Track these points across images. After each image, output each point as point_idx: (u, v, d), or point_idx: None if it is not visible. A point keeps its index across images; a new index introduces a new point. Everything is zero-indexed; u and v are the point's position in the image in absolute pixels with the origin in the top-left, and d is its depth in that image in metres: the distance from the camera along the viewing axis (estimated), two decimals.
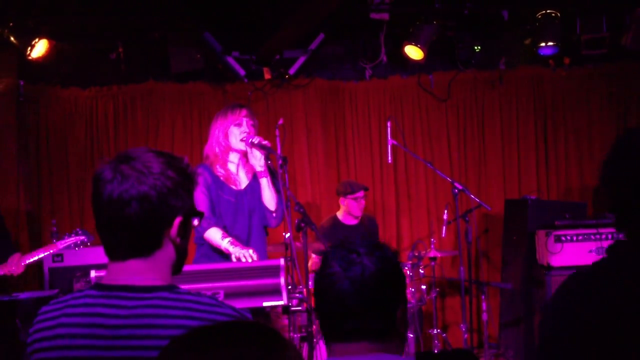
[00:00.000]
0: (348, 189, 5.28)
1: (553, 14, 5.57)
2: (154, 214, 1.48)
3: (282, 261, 3.26)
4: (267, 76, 5.93)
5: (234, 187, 3.67)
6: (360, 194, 5.29)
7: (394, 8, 5.53)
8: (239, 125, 3.64)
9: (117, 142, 5.83)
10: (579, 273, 1.48)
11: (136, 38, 5.70)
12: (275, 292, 3.19)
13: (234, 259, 3.39)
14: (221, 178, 3.65)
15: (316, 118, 6.13)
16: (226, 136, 3.65)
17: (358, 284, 1.48)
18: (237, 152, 3.69)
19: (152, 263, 1.52)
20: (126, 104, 5.91)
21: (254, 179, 3.71)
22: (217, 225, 3.56)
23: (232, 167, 3.70)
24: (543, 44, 5.61)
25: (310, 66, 6.05)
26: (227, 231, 3.56)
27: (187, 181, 1.55)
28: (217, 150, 3.67)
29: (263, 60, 5.83)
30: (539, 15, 5.59)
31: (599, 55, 5.87)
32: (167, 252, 1.54)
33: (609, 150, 1.51)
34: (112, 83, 5.86)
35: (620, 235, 1.49)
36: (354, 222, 5.41)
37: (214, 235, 3.52)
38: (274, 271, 3.22)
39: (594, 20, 5.60)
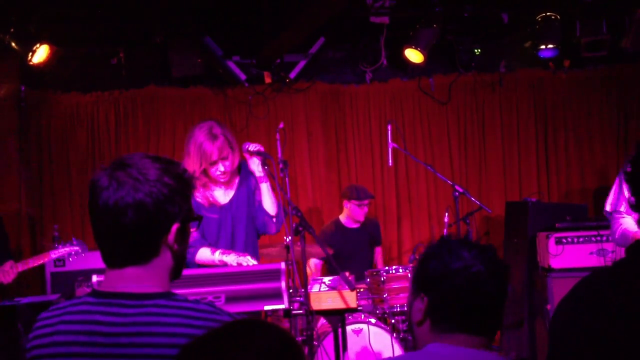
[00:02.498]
0: (354, 195, 5.26)
1: (553, 17, 5.57)
2: (150, 222, 1.47)
3: (282, 265, 3.27)
4: (268, 80, 5.94)
5: (215, 205, 3.66)
6: (366, 201, 5.30)
7: (394, 12, 5.54)
8: (214, 165, 3.56)
9: (118, 147, 5.85)
10: (596, 273, 1.46)
11: (137, 43, 5.72)
12: (276, 296, 3.20)
13: (232, 264, 3.41)
14: (200, 201, 3.62)
15: (317, 122, 6.14)
16: (202, 173, 3.59)
17: (495, 273, 1.58)
18: (218, 184, 3.66)
19: (149, 270, 1.51)
20: (127, 109, 5.93)
21: (239, 188, 3.70)
22: (203, 246, 3.57)
23: (208, 192, 3.67)
24: (543, 47, 5.61)
25: (310, 70, 6.07)
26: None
27: (184, 187, 1.54)
28: (196, 181, 3.58)
29: (263, 64, 5.85)
30: (539, 17, 5.60)
31: (599, 58, 5.87)
32: (164, 259, 1.53)
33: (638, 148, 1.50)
34: (113, 88, 5.89)
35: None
36: (356, 225, 5.42)
37: (204, 254, 3.53)
38: (275, 275, 3.23)
39: (594, 22, 5.60)
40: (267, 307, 3.13)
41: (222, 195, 3.71)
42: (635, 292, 1.35)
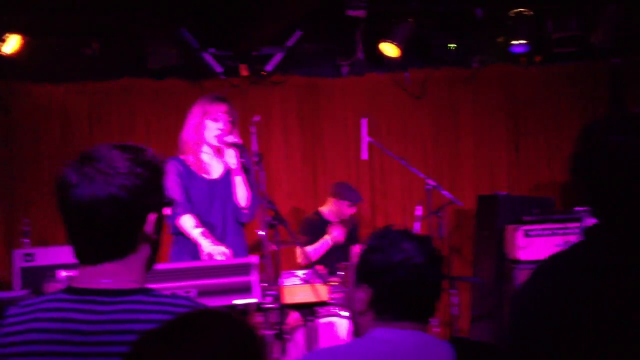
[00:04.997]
0: (348, 196, 5.24)
1: (525, 13, 5.65)
2: (126, 216, 1.44)
3: (255, 258, 3.31)
4: (244, 73, 5.93)
5: (206, 176, 3.69)
6: (357, 203, 5.33)
7: (371, 5, 5.57)
8: (216, 120, 3.65)
9: (91, 139, 5.78)
10: (553, 257, 1.49)
11: (112, 34, 5.67)
12: (247, 290, 3.24)
13: (204, 251, 3.43)
14: (193, 167, 3.67)
15: (293, 115, 6.16)
16: (202, 128, 3.66)
17: (435, 263, 1.68)
18: (211, 146, 3.72)
19: (126, 265, 1.48)
20: (101, 100, 5.87)
21: (229, 171, 3.72)
22: (191, 212, 3.57)
23: (205, 157, 3.72)
24: (515, 42, 5.69)
25: (287, 63, 6.06)
26: (200, 219, 3.58)
27: (156, 175, 1.50)
28: (191, 139, 3.68)
29: (240, 57, 5.84)
30: (511, 13, 5.67)
31: (569, 54, 5.97)
32: (142, 251, 1.50)
33: (577, 142, 1.53)
34: (87, 79, 5.81)
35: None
36: (337, 220, 5.45)
37: (187, 222, 3.54)
38: (246, 269, 3.27)
39: (565, 18, 5.69)
40: (236, 301, 3.16)
41: (217, 166, 3.73)
42: (591, 272, 1.39)
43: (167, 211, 1.57)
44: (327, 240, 5.05)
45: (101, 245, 1.45)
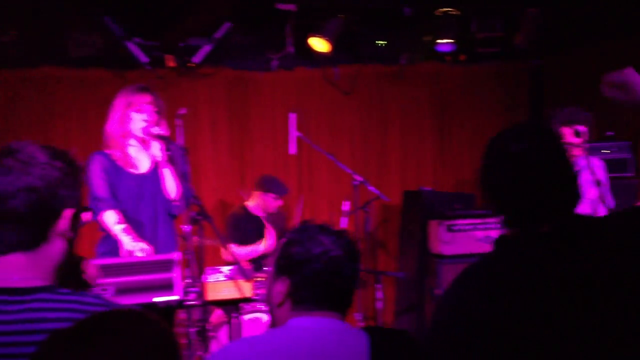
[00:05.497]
0: (274, 189, 5.22)
1: (451, 12, 5.77)
2: (42, 206, 1.43)
3: (176, 255, 3.25)
4: (171, 64, 5.81)
5: (133, 171, 3.59)
6: (282, 196, 5.31)
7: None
8: (140, 111, 3.55)
9: (6, 129, 5.55)
10: (471, 266, 1.54)
11: (32, 20, 5.44)
12: (168, 287, 3.18)
13: (124, 248, 3.35)
14: (119, 162, 3.56)
15: (221, 108, 6.09)
16: (126, 121, 3.55)
17: (351, 257, 1.75)
18: (137, 138, 3.62)
19: (35, 259, 1.46)
20: (17, 89, 5.64)
21: (157, 164, 3.64)
22: (115, 208, 3.47)
23: (131, 151, 3.61)
24: (441, 41, 5.80)
25: (215, 55, 5.97)
26: (127, 216, 3.50)
27: (74, 171, 1.50)
28: (116, 132, 3.57)
29: (166, 47, 5.72)
30: (438, 12, 5.78)
31: (492, 53, 6.14)
32: (54, 247, 1.48)
33: (483, 154, 1.59)
34: (2, 67, 5.57)
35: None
36: (263, 215, 5.42)
37: (109, 219, 3.44)
38: (167, 265, 3.21)
39: (489, 19, 5.84)
40: (156, 299, 3.10)
41: (145, 160, 3.63)
42: (502, 281, 1.44)
43: (84, 217, 1.55)
44: (260, 247, 5.02)
45: (13, 233, 1.43)
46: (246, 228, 5.16)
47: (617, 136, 5.53)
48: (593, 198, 3.52)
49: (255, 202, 5.29)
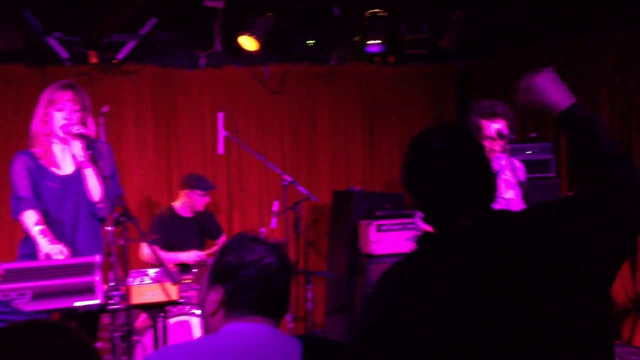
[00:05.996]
0: (199, 184, 5.11)
1: (380, 14, 5.82)
2: None
3: (97, 258, 3.15)
4: (93, 60, 5.63)
5: (57, 171, 3.49)
6: (209, 191, 5.21)
7: None
8: (61, 109, 3.45)
9: None
10: (394, 265, 1.55)
11: None
12: (89, 291, 3.07)
13: (41, 250, 3.23)
14: (43, 162, 3.46)
15: (146, 106, 5.93)
16: (49, 119, 3.45)
17: (284, 265, 1.78)
18: (59, 138, 3.51)
19: None
20: None
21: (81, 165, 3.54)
22: (36, 208, 3.39)
23: (56, 150, 3.51)
24: (370, 42, 5.85)
25: (140, 52, 5.81)
26: (49, 217, 3.41)
27: None
28: (40, 131, 3.47)
29: (89, 43, 5.53)
30: (367, 14, 5.82)
31: (420, 55, 6.24)
32: None
33: (406, 152, 1.60)
34: None
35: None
36: (190, 214, 5.31)
37: (29, 219, 3.37)
38: (88, 268, 3.10)
39: (417, 21, 5.94)
40: (77, 304, 2.98)
41: (69, 161, 3.53)
42: (424, 279, 1.46)
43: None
44: (189, 257, 4.90)
45: None
46: (171, 230, 5.05)
47: (540, 137, 5.72)
48: (509, 198, 3.61)
49: (182, 202, 5.19)
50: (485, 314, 1.39)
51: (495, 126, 3.50)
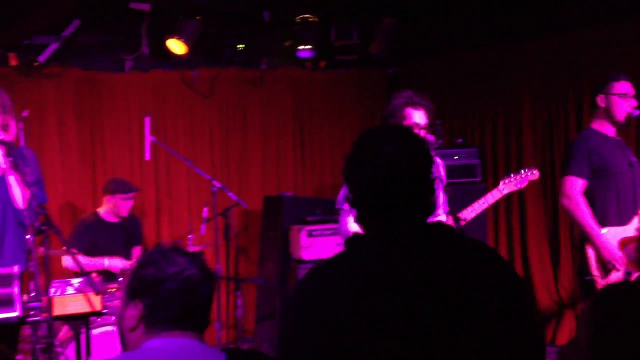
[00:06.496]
0: (120, 188, 4.99)
1: (310, 19, 5.83)
2: None
3: (15, 268, 3.01)
4: (13, 62, 5.39)
5: None
6: (131, 195, 5.07)
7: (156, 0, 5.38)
8: None
9: None
10: (316, 268, 1.53)
11: None
12: (8, 303, 2.93)
13: None
14: None
15: (70, 110, 5.73)
16: None
17: (207, 276, 1.75)
18: None
19: None
20: None
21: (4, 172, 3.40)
22: None
23: None
24: (301, 47, 5.85)
25: (63, 54, 5.60)
26: None
27: None
28: None
29: (9, 44, 5.31)
30: (297, 19, 5.82)
31: (350, 61, 6.29)
32: None
33: (351, 153, 1.57)
34: None
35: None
36: (115, 220, 5.17)
37: None
38: (7, 280, 2.96)
39: (347, 27, 5.98)
40: None
41: None
42: (352, 280, 1.43)
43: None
44: (114, 264, 4.75)
45: None
46: (96, 235, 4.90)
47: (466, 143, 5.87)
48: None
49: (105, 208, 5.06)
50: (406, 324, 1.38)
51: (417, 114, 3.52)
